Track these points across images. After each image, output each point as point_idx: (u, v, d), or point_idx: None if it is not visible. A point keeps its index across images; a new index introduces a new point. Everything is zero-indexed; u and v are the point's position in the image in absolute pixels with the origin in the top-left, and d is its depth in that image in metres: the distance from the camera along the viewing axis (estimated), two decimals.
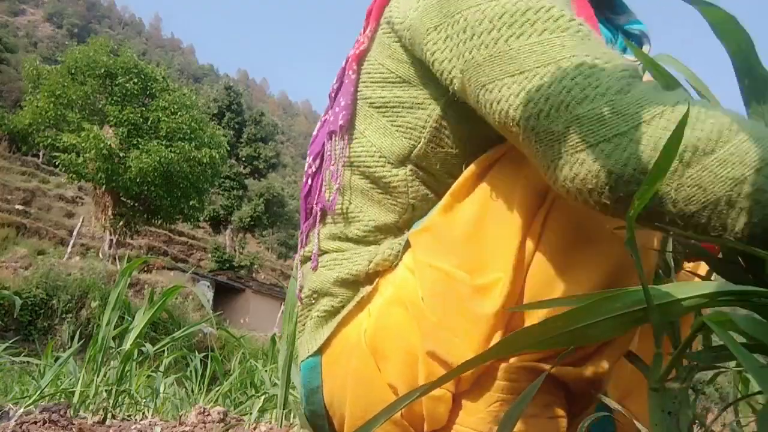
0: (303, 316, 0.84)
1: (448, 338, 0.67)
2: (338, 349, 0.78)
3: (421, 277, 0.72)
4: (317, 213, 0.84)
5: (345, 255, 0.80)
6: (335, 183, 0.81)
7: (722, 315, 0.41)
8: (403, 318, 0.72)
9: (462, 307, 0.67)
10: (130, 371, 2.06)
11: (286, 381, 1.65)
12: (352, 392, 0.75)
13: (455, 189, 0.72)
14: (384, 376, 0.73)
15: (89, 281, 11.75)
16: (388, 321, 0.74)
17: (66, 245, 17.31)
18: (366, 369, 0.74)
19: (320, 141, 0.86)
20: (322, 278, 0.80)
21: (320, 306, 0.80)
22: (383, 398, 0.72)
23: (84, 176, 17.06)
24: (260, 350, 3.57)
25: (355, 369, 0.75)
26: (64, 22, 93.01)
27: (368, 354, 0.74)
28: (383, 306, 0.75)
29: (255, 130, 31.61)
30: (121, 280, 1.93)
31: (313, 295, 0.81)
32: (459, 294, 0.68)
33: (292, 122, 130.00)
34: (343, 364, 0.77)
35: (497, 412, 0.67)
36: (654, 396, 0.48)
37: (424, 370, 0.69)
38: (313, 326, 0.81)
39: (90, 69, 17.52)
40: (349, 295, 0.78)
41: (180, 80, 41.31)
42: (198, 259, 26.72)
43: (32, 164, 26.88)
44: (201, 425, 1.62)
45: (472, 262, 0.68)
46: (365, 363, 0.74)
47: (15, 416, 1.43)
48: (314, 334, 0.81)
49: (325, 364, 0.80)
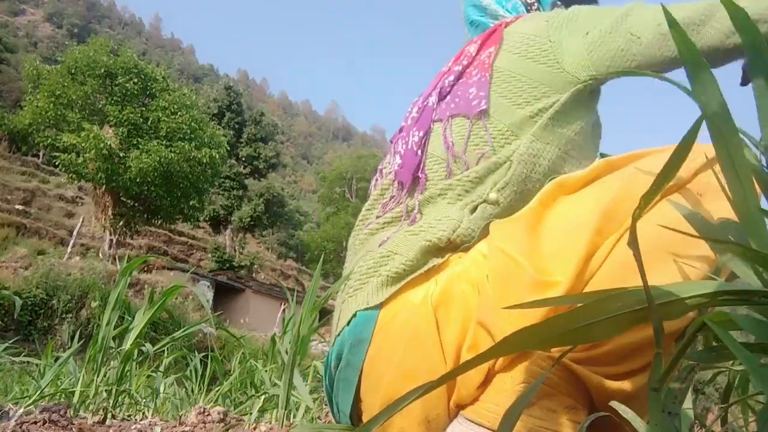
0: (367, 275, 0.88)
1: (499, 316, 0.72)
2: (399, 307, 0.83)
3: (491, 258, 0.78)
4: (423, 180, 0.95)
5: (431, 223, 0.88)
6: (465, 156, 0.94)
7: (722, 315, 0.41)
8: (469, 292, 0.79)
9: (519, 294, 0.72)
10: (130, 371, 2.06)
11: (287, 381, 1.65)
12: (406, 346, 0.80)
13: (543, 197, 0.82)
14: (441, 336, 0.79)
15: (89, 281, 11.75)
16: (454, 290, 0.80)
17: (66, 245, 17.32)
18: (426, 326, 0.79)
19: (426, 121, 1.01)
20: (407, 242, 0.86)
21: (392, 266, 0.85)
22: (434, 355, 0.78)
23: (84, 176, 17.06)
24: (260, 350, 3.56)
25: (415, 325, 0.80)
26: (64, 22, 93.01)
27: (431, 313, 0.79)
28: (452, 277, 0.82)
29: (255, 130, 31.61)
30: (121, 280, 1.93)
31: (391, 255, 0.87)
32: (521, 282, 0.73)
33: (292, 122, 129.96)
34: (401, 321, 0.82)
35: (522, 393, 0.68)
36: (654, 396, 0.48)
37: (471, 338, 0.76)
38: (380, 283, 0.86)
39: (90, 69, 17.52)
40: (421, 262, 0.84)
41: (180, 80, 41.28)
42: (198, 259, 26.72)
43: (32, 164, 26.89)
44: (201, 425, 1.62)
45: (540, 261, 0.74)
46: (427, 321, 0.79)
47: (15, 416, 1.43)
48: (379, 289, 0.85)
49: (382, 319, 0.84)
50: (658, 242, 0.68)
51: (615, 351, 0.68)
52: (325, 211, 35.33)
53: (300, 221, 40.58)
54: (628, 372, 0.69)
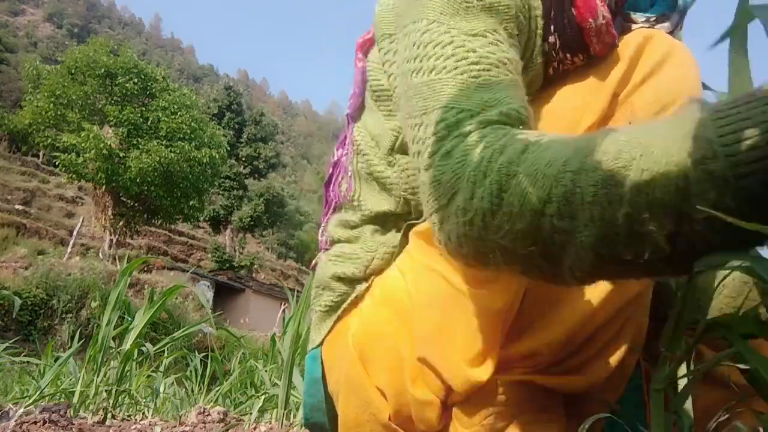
0: (312, 309, 0.86)
1: (443, 345, 0.65)
2: (333, 345, 0.80)
3: (418, 278, 0.69)
4: (332, 201, 0.86)
5: (347, 253, 0.79)
6: (348, 170, 0.81)
7: (729, 317, 0.40)
8: (390, 320, 0.72)
9: (461, 314, 0.65)
10: (130, 371, 2.06)
11: (287, 381, 1.65)
12: (344, 393, 0.76)
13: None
14: (372, 380, 0.72)
15: (89, 281, 11.75)
16: (375, 324, 0.73)
17: (66, 245, 17.31)
18: (354, 371, 0.74)
19: (346, 131, 0.88)
20: (326, 272, 0.81)
21: (322, 300, 0.81)
22: (373, 401, 0.72)
23: (84, 176, 17.07)
24: (260, 350, 3.57)
25: (347, 371, 0.75)
26: (64, 22, 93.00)
27: (355, 357, 0.73)
28: (371, 308, 0.75)
29: (255, 130, 31.60)
30: (121, 280, 1.93)
31: (319, 288, 0.82)
32: (458, 301, 0.65)
33: (292, 122, 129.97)
34: (337, 363, 0.78)
35: (492, 425, 0.66)
36: (656, 396, 0.48)
37: (411, 375, 0.68)
38: (317, 320, 0.83)
39: (90, 69, 17.53)
40: (346, 291, 0.79)
41: (180, 80, 41.31)
42: (198, 259, 26.72)
43: (32, 164, 26.89)
44: (201, 425, 1.62)
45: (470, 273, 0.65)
46: (353, 366, 0.74)
47: (15, 416, 1.43)
48: (318, 327, 0.83)
49: (325, 358, 0.81)
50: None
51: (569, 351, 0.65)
52: None
53: (300, 221, 40.59)
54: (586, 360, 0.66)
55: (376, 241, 0.78)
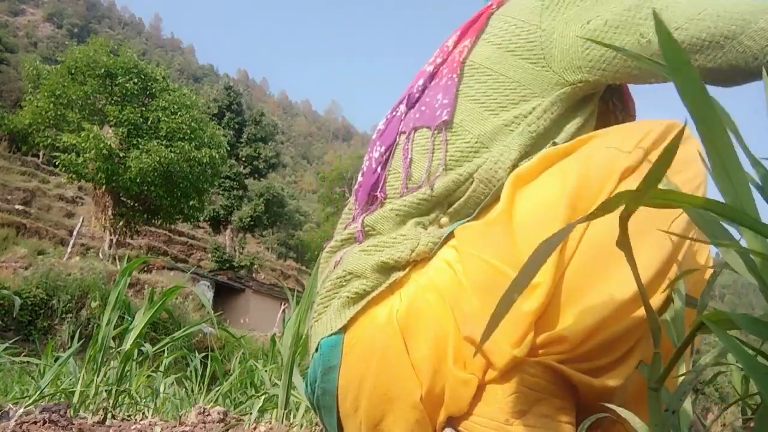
0: (327, 297, 0.83)
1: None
2: (363, 328, 0.78)
3: (468, 266, 0.73)
4: (380, 200, 0.88)
5: (387, 242, 0.81)
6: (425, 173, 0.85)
7: (721, 314, 0.40)
8: (437, 303, 0.74)
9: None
10: (130, 371, 2.06)
11: (287, 381, 1.65)
12: (376, 368, 0.76)
13: (508, 195, 0.76)
14: (411, 355, 0.74)
15: (89, 281, 11.74)
16: (422, 304, 0.75)
17: (66, 245, 17.31)
18: (394, 346, 0.75)
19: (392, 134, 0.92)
20: (361, 261, 0.81)
21: (351, 287, 0.80)
22: (406, 376, 0.74)
23: (84, 176, 17.06)
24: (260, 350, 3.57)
25: (383, 346, 0.75)
26: (64, 22, 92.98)
27: (398, 332, 0.75)
28: (417, 291, 0.76)
29: (255, 130, 31.58)
30: (121, 280, 1.93)
31: (347, 276, 0.81)
32: (507, 286, 0.68)
33: (292, 122, 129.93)
34: (368, 343, 0.77)
35: (514, 404, 0.69)
36: (654, 396, 0.48)
37: (454, 354, 0.72)
38: (340, 306, 0.80)
39: (90, 69, 17.51)
40: (381, 280, 0.79)
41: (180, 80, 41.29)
42: (198, 259, 26.71)
43: (32, 164, 26.88)
44: (201, 425, 1.62)
45: (518, 263, 0.68)
46: (394, 341, 0.75)
47: (15, 416, 1.43)
48: (340, 312, 0.80)
49: (348, 343, 0.79)
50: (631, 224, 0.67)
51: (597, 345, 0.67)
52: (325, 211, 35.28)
53: (300, 221, 40.56)
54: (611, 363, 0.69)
55: (418, 231, 0.81)
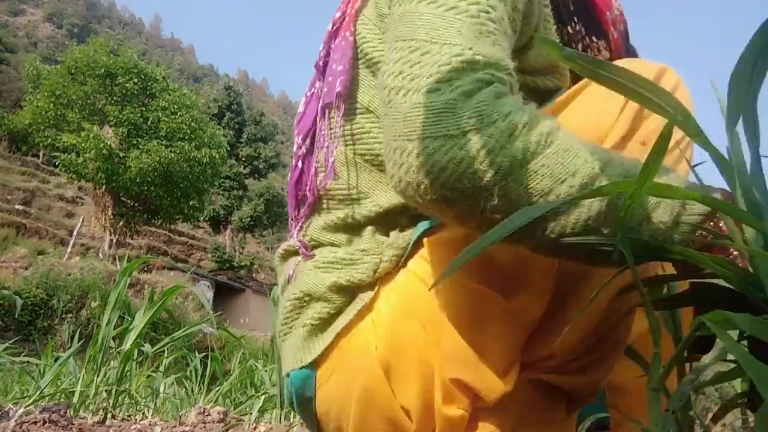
0: (290, 319, 0.74)
1: (475, 362, 0.63)
2: (338, 361, 0.70)
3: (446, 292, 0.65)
4: (310, 200, 0.75)
5: (345, 259, 0.71)
6: (329, 162, 0.72)
7: (721, 315, 0.40)
8: (418, 334, 0.66)
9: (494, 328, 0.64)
10: (130, 371, 2.06)
11: None
12: (362, 407, 0.69)
13: None
14: (398, 399, 0.67)
15: (89, 281, 11.75)
16: (403, 339, 0.67)
17: (66, 245, 17.31)
18: (377, 389, 0.67)
19: (309, 118, 0.77)
20: (317, 281, 0.71)
21: (313, 312, 0.71)
22: (397, 419, 0.68)
23: (84, 176, 17.07)
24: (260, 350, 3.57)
25: (363, 389, 0.68)
26: (64, 22, 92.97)
27: (380, 374, 0.67)
28: (395, 320, 0.68)
29: (255, 130, 31.58)
30: (121, 280, 1.93)
31: (305, 297, 0.72)
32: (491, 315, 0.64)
33: (292, 122, 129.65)
34: (345, 379, 0.69)
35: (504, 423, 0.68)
36: (654, 396, 0.48)
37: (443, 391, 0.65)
38: (306, 335, 0.72)
39: (90, 69, 17.53)
40: (345, 301, 0.70)
41: (180, 80, 41.30)
42: (198, 259, 26.71)
43: (32, 164, 26.88)
44: (201, 425, 1.62)
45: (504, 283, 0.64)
46: (377, 383, 0.67)
47: (15, 416, 1.43)
48: (307, 343, 0.72)
49: (321, 378, 0.71)
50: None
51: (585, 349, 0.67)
52: None
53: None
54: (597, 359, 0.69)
55: (378, 242, 0.71)
